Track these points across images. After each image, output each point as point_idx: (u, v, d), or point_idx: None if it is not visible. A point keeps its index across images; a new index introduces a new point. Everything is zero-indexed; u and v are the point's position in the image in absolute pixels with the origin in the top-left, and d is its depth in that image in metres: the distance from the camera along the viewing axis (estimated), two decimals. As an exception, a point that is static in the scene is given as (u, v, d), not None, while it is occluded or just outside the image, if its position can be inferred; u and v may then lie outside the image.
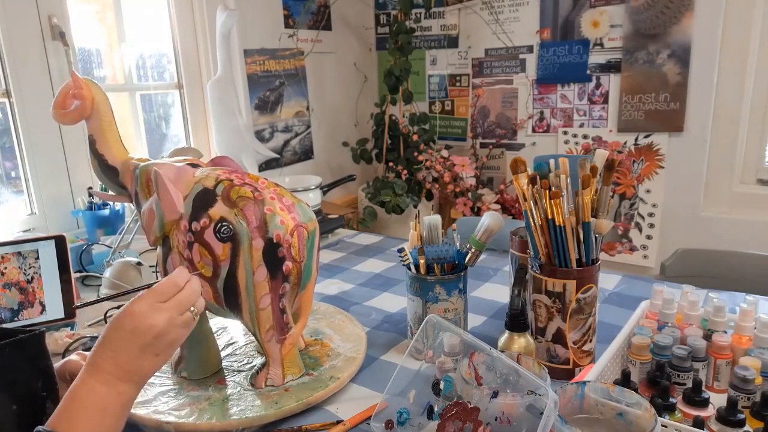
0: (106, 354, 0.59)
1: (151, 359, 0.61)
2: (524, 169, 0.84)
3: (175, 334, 0.62)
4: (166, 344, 0.61)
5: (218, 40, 1.85)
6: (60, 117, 0.88)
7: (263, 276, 0.77)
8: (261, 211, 0.77)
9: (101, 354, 0.59)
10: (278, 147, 2.34)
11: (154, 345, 0.60)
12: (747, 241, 1.96)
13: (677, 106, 2.07)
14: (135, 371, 0.60)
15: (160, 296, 0.62)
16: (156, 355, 0.61)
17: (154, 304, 0.61)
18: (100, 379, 0.58)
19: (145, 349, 0.60)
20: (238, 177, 0.80)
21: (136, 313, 0.60)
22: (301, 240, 0.79)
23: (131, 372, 0.59)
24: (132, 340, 0.59)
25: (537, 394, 0.63)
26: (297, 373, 0.84)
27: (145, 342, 0.60)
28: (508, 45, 2.40)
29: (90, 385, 0.58)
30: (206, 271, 0.78)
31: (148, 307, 0.61)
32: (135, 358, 0.59)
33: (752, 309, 0.79)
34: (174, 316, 0.62)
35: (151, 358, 0.61)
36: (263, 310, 0.78)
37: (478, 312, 1.09)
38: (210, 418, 0.75)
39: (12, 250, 1.08)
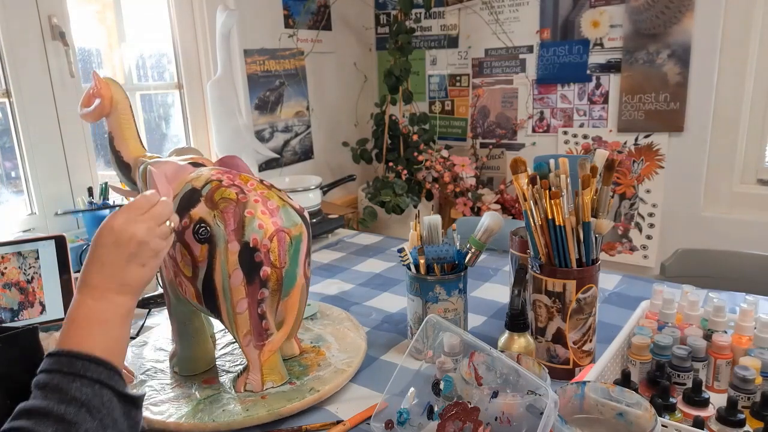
0: (94, 270, 0.61)
1: (138, 269, 0.62)
2: (524, 169, 0.84)
3: (155, 244, 0.64)
4: (150, 253, 0.63)
5: (218, 40, 1.85)
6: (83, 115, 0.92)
7: (239, 280, 0.76)
8: (240, 214, 0.76)
9: (89, 271, 0.61)
10: (278, 147, 2.34)
11: (138, 254, 0.62)
12: (747, 241, 1.96)
13: (677, 106, 2.07)
14: (125, 282, 0.61)
15: (137, 210, 0.64)
16: (142, 265, 0.62)
17: (131, 216, 0.63)
18: (93, 295, 0.60)
19: (130, 260, 0.61)
20: (229, 178, 0.80)
21: (116, 226, 0.62)
22: (282, 245, 0.78)
23: (122, 283, 0.61)
24: (116, 253, 0.61)
25: (537, 394, 0.63)
26: (278, 380, 0.82)
27: (129, 252, 0.61)
28: (508, 45, 2.40)
29: (86, 304, 0.59)
30: (187, 270, 0.78)
31: (125, 219, 0.62)
32: (122, 269, 0.61)
33: (752, 309, 0.79)
34: (152, 227, 0.64)
35: (138, 268, 0.62)
36: (240, 314, 0.77)
37: (478, 312, 1.09)
38: (180, 418, 0.75)
39: (12, 250, 1.08)
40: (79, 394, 0.53)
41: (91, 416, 0.52)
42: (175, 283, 0.81)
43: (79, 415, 0.51)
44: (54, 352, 0.56)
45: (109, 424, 0.54)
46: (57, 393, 0.52)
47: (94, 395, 0.53)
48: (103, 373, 0.55)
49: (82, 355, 0.55)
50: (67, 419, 0.51)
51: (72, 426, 0.50)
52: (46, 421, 0.50)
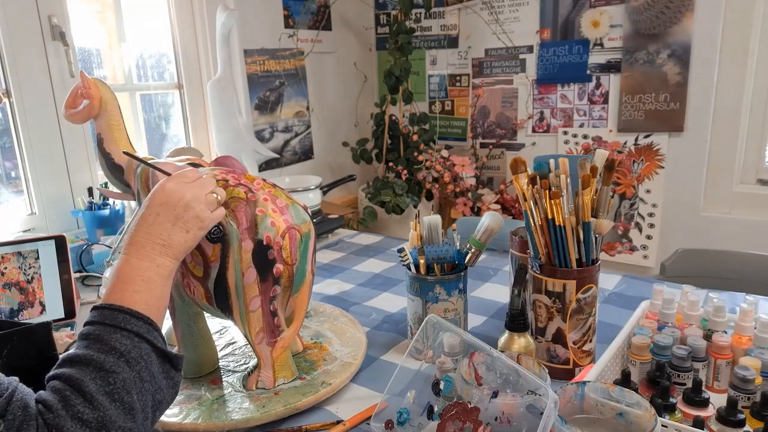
0: (142, 231, 0.66)
1: (182, 233, 0.67)
2: (524, 169, 0.84)
3: (200, 210, 0.69)
4: (193, 218, 0.68)
5: (218, 40, 1.85)
6: (70, 116, 0.90)
7: (253, 278, 0.76)
8: (252, 213, 0.76)
9: (138, 232, 0.66)
10: (278, 147, 2.34)
11: (183, 218, 0.67)
12: (747, 241, 1.96)
13: (677, 106, 2.06)
14: (169, 243, 0.66)
15: (185, 177, 0.71)
16: (186, 231, 0.68)
17: (180, 181, 0.70)
18: (139, 255, 0.64)
19: (176, 221, 0.67)
20: (234, 177, 0.80)
21: (167, 188, 0.68)
22: (293, 242, 0.78)
23: (166, 244, 0.66)
24: (164, 213, 0.67)
25: (537, 394, 0.63)
26: (289, 376, 0.83)
27: (175, 213, 0.67)
28: (508, 45, 2.40)
29: (131, 262, 0.64)
30: (197, 271, 0.78)
31: (176, 183, 0.69)
32: (168, 230, 0.66)
33: (752, 309, 0.79)
34: (198, 194, 0.69)
35: (182, 232, 0.67)
36: (253, 312, 0.78)
37: (478, 312, 1.09)
38: (196, 419, 0.75)
39: (12, 250, 1.08)
40: (118, 344, 0.56)
41: (129, 367, 0.55)
42: (182, 285, 0.81)
43: (118, 364, 0.54)
44: (98, 306, 0.59)
45: (146, 378, 0.57)
46: (98, 343, 0.55)
47: (133, 347, 0.57)
48: (143, 327, 0.58)
49: (124, 309, 0.59)
50: (106, 367, 0.54)
51: (111, 374, 0.54)
52: (87, 368, 0.53)
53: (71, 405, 0.51)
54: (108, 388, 0.53)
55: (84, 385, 0.52)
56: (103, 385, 0.53)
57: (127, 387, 0.54)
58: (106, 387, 0.53)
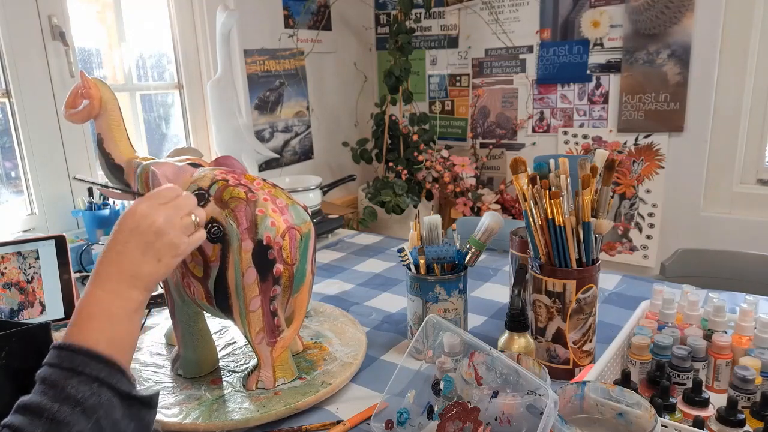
0: (109, 260, 0.60)
1: (154, 263, 0.61)
2: (524, 169, 0.84)
3: (174, 236, 0.62)
4: (167, 246, 0.62)
5: (218, 40, 1.85)
6: (69, 116, 0.90)
7: (253, 278, 0.76)
8: (252, 213, 0.76)
9: (104, 262, 0.60)
10: (278, 147, 2.34)
11: (155, 245, 0.61)
12: (747, 241, 1.96)
13: (677, 106, 2.06)
14: (138, 274, 0.60)
15: (160, 198, 0.64)
16: (158, 260, 0.61)
17: (153, 204, 0.63)
18: (105, 288, 0.58)
19: (146, 250, 0.60)
20: (234, 177, 0.80)
21: (138, 211, 0.61)
22: (293, 242, 0.78)
23: (134, 275, 0.60)
24: (134, 240, 0.60)
25: (537, 394, 0.63)
26: (289, 376, 0.83)
27: (146, 240, 0.60)
28: (508, 45, 2.40)
29: (95, 295, 0.58)
30: (197, 271, 0.78)
31: (147, 206, 0.62)
32: (138, 260, 0.60)
33: (752, 309, 0.79)
34: (173, 217, 0.63)
35: (154, 262, 0.61)
36: (253, 312, 0.78)
37: (478, 312, 1.09)
38: (196, 419, 0.75)
39: (12, 250, 1.08)
40: (74, 392, 0.51)
41: (85, 416, 0.50)
42: (182, 285, 0.81)
43: (73, 415, 0.50)
44: (56, 345, 0.54)
45: (106, 426, 0.51)
46: (53, 389, 0.51)
47: (92, 394, 0.51)
48: (103, 370, 0.53)
49: (83, 350, 0.53)
50: (58, 419, 0.49)
51: (63, 426, 0.49)
52: (38, 420, 0.49)
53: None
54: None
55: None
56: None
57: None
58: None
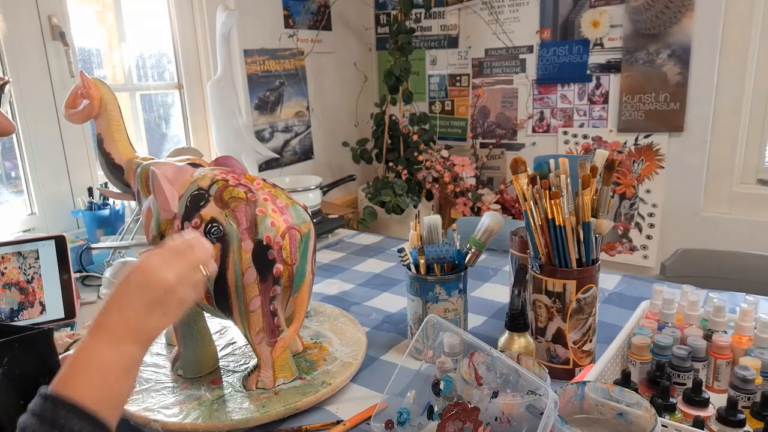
0: (113, 312, 0.57)
1: (159, 318, 0.58)
2: (524, 169, 0.84)
3: (184, 293, 0.60)
4: (176, 303, 0.59)
5: (218, 40, 1.85)
6: (70, 116, 0.90)
7: (253, 278, 0.76)
8: (252, 213, 0.76)
9: (107, 313, 0.57)
10: (278, 147, 2.34)
11: (163, 302, 0.58)
12: (747, 241, 1.96)
13: (677, 106, 2.06)
14: (142, 329, 0.57)
15: (172, 253, 0.60)
16: (165, 315, 0.59)
17: (165, 259, 0.59)
18: (103, 339, 0.55)
19: (153, 306, 0.57)
20: (234, 177, 0.80)
21: (147, 267, 0.58)
22: (293, 242, 0.78)
23: (138, 330, 0.57)
24: (140, 296, 0.57)
25: (537, 394, 0.63)
26: (289, 376, 0.83)
27: (154, 297, 0.57)
28: (508, 45, 2.40)
29: (91, 346, 0.55)
30: None
31: (159, 262, 0.59)
32: (143, 314, 0.57)
33: (752, 309, 0.79)
34: (185, 273, 0.60)
35: (160, 316, 0.58)
36: (253, 312, 0.78)
37: (478, 312, 1.09)
38: (196, 419, 0.75)
39: (12, 250, 1.08)
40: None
41: None
42: None
43: None
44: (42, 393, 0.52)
45: None
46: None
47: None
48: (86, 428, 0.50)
49: (68, 404, 0.51)
50: None
51: None
52: None
53: None
54: None
55: None
56: None
57: None
58: None
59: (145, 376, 0.87)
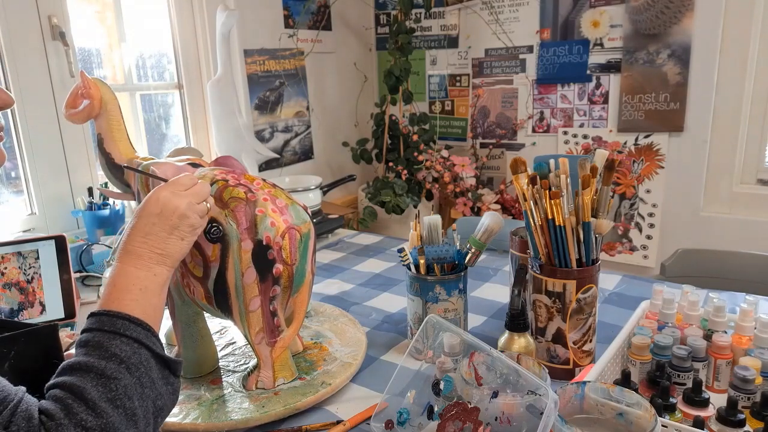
0: (138, 240, 0.65)
1: (178, 242, 0.67)
2: (524, 169, 0.84)
3: (194, 219, 0.69)
4: (188, 227, 0.68)
5: (218, 40, 1.85)
6: (70, 116, 0.90)
7: (253, 278, 0.76)
8: (252, 213, 0.76)
9: (133, 240, 0.65)
10: (278, 147, 2.34)
11: (179, 227, 0.67)
12: (747, 241, 1.96)
13: (677, 106, 2.06)
14: (165, 253, 0.66)
15: (180, 186, 0.70)
16: (181, 239, 0.67)
17: (175, 190, 0.69)
18: (136, 264, 0.64)
19: (172, 231, 0.66)
20: (234, 177, 0.80)
21: (162, 198, 0.67)
22: (293, 242, 0.78)
23: (162, 254, 0.65)
24: (160, 223, 0.66)
25: (537, 394, 0.63)
26: (289, 376, 0.83)
27: (171, 223, 0.66)
28: (508, 45, 2.40)
29: (128, 271, 0.63)
30: (197, 271, 0.78)
31: (170, 193, 0.68)
32: (164, 240, 0.66)
33: (752, 309, 0.79)
34: (193, 202, 0.69)
35: (178, 241, 0.67)
36: (253, 312, 0.78)
37: (478, 312, 1.09)
38: (196, 419, 0.75)
39: (12, 250, 1.08)
40: (118, 351, 0.55)
41: (129, 373, 0.55)
42: (182, 285, 0.81)
43: (119, 370, 0.54)
44: (95, 312, 0.59)
45: (146, 383, 0.56)
46: (98, 349, 0.55)
47: (133, 353, 0.56)
48: (142, 333, 0.58)
49: (122, 315, 0.58)
50: (107, 374, 0.53)
51: (112, 380, 0.53)
52: (88, 375, 0.53)
53: (74, 413, 0.50)
54: (110, 395, 0.52)
55: (86, 392, 0.51)
56: (104, 392, 0.52)
57: (129, 393, 0.54)
58: (108, 394, 0.52)
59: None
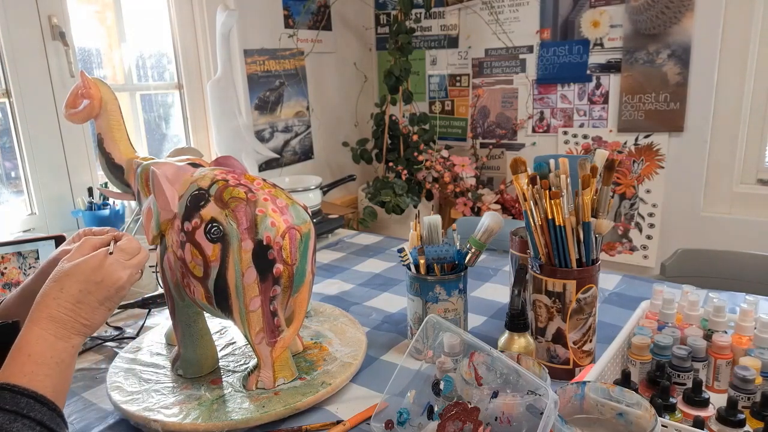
0: (67, 306, 0.61)
1: (105, 313, 0.64)
2: (524, 169, 0.84)
3: (126, 291, 0.66)
4: (119, 299, 0.65)
5: (218, 40, 1.85)
6: (70, 116, 0.90)
7: (253, 278, 0.76)
8: (252, 213, 0.76)
9: (60, 306, 0.60)
10: (278, 147, 2.34)
11: (112, 298, 0.64)
12: (747, 241, 1.96)
13: (677, 106, 2.07)
14: (90, 324, 0.63)
15: (127, 254, 0.67)
16: (108, 310, 0.65)
17: (121, 260, 0.66)
18: (58, 333, 0.59)
19: (103, 302, 0.63)
20: (234, 177, 0.80)
21: (106, 267, 0.64)
22: (293, 242, 0.78)
23: (87, 325, 0.62)
24: (96, 293, 0.62)
25: (537, 394, 0.63)
26: (289, 376, 0.83)
27: (107, 295, 0.63)
28: (508, 45, 2.40)
29: (47, 341, 0.59)
30: (197, 271, 0.78)
31: (116, 262, 0.65)
32: (94, 310, 0.62)
33: (752, 309, 0.79)
34: (133, 273, 0.67)
35: (105, 311, 0.64)
36: (253, 312, 0.78)
37: (478, 312, 1.09)
38: (196, 419, 0.75)
39: (12, 250, 1.08)
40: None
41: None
42: (182, 285, 0.81)
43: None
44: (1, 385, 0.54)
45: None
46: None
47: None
48: (47, 414, 0.54)
49: (29, 392, 0.54)
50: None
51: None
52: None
53: None
54: None
55: None
56: None
57: None
58: None
59: (145, 377, 0.87)
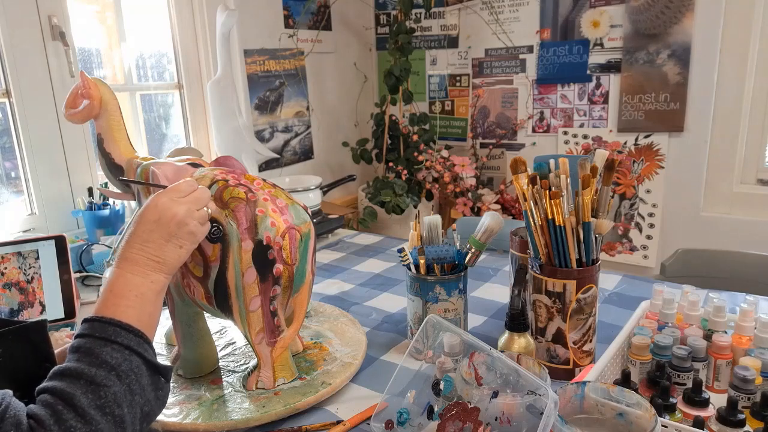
0: (136, 247, 0.65)
1: (176, 250, 0.67)
2: (524, 169, 0.84)
3: (193, 226, 0.68)
4: (187, 234, 0.68)
5: (218, 40, 1.85)
6: (70, 116, 0.90)
7: (253, 278, 0.76)
8: (252, 213, 0.76)
9: (131, 247, 0.65)
10: (278, 147, 2.34)
11: (177, 234, 0.67)
12: (747, 241, 1.96)
13: (677, 106, 2.06)
14: (162, 261, 0.66)
15: (179, 192, 0.69)
16: (180, 247, 0.67)
17: (173, 197, 0.68)
18: (133, 271, 0.64)
19: (169, 239, 0.66)
20: (234, 177, 0.80)
21: (160, 205, 0.67)
22: (293, 242, 0.78)
23: (159, 262, 0.65)
24: (158, 230, 0.66)
25: (537, 394, 0.63)
26: (289, 376, 0.83)
27: (169, 231, 0.66)
28: (508, 45, 2.40)
29: (125, 277, 0.63)
30: (197, 271, 0.78)
31: (168, 200, 0.68)
32: (162, 247, 0.66)
33: (752, 309, 0.79)
34: (192, 209, 0.69)
35: (176, 248, 0.67)
36: (253, 312, 0.78)
37: (478, 312, 1.09)
38: (196, 419, 0.75)
39: (12, 250, 1.08)
40: (109, 358, 0.56)
41: (119, 380, 0.55)
42: (182, 285, 0.81)
43: (109, 378, 0.55)
44: (89, 318, 0.59)
45: (136, 390, 0.57)
46: (89, 356, 0.55)
47: (124, 360, 0.57)
48: (133, 340, 0.58)
49: (115, 321, 0.59)
50: (96, 381, 0.54)
51: (102, 388, 0.54)
52: (78, 381, 0.53)
53: (63, 420, 0.50)
54: (99, 402, 0.53)
55: (75, 399, 0.52)
56: (94, 399, 0.53)
57: (118, 401, 0.54)
58: (97, 401, 0.53)
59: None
